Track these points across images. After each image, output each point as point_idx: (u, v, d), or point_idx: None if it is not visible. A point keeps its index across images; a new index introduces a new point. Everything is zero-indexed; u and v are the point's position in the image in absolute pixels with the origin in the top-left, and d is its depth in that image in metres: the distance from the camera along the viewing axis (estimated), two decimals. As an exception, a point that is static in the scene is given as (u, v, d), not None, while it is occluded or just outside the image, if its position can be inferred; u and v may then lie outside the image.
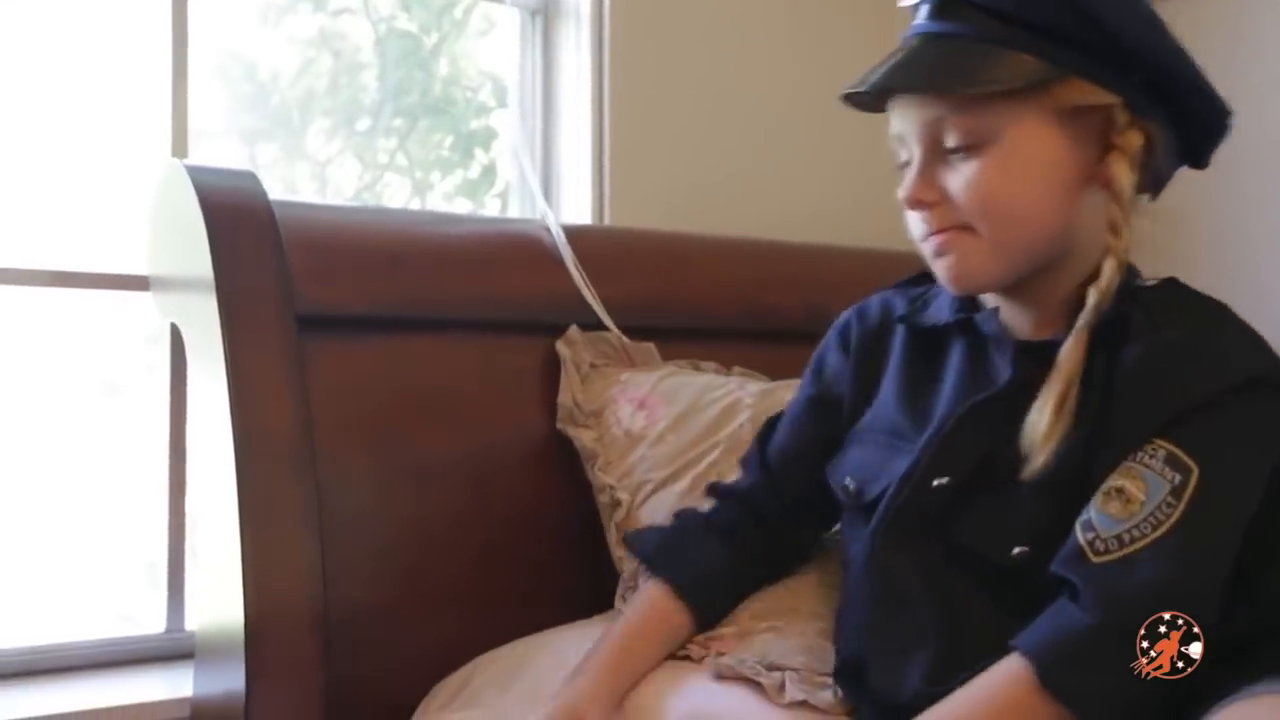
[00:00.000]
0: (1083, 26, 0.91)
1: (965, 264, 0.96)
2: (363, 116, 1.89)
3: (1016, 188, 0.94)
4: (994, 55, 0.92)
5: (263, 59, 1.82)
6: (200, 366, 1.29)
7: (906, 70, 0.95)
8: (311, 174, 1.89)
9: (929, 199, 0.95)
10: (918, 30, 0.96)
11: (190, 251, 1.25)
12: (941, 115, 0.93)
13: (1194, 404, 0.89)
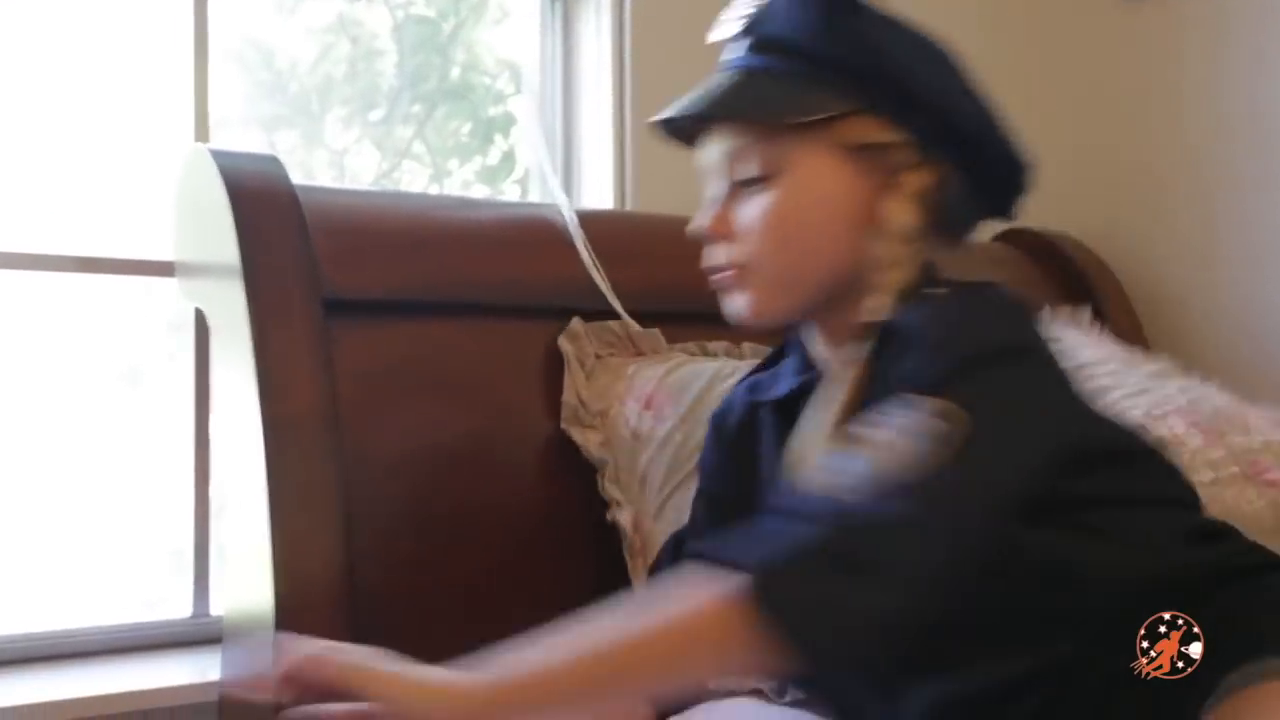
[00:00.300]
0: (872, 66, 0.93)
1: (741, 300, 0.97)
2: (380, 103, 1.89)
3: (801, 219, 0.95)
4: (789, 89, 0.94)
5: (281, 46, 1.82)
6: (226, 352, 1.30)
7: (706, 99, 0.97)
8: (330, 161, 1.90)
9: (723, 231, 0.97)
10: (723, 64, 0.99)
11: (216, 236, 1.26)
12: (741, 145, 0.95)
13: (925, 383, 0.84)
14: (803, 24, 0.96)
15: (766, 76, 0.96)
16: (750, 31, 0.98)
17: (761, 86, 0.96)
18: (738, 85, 0.96)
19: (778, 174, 0.95)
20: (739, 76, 0.97)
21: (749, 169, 0.95)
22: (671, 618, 0.79)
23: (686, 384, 1.38)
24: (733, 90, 0.96)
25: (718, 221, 0.97)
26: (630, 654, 0.79)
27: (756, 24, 0.98)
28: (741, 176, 0.96)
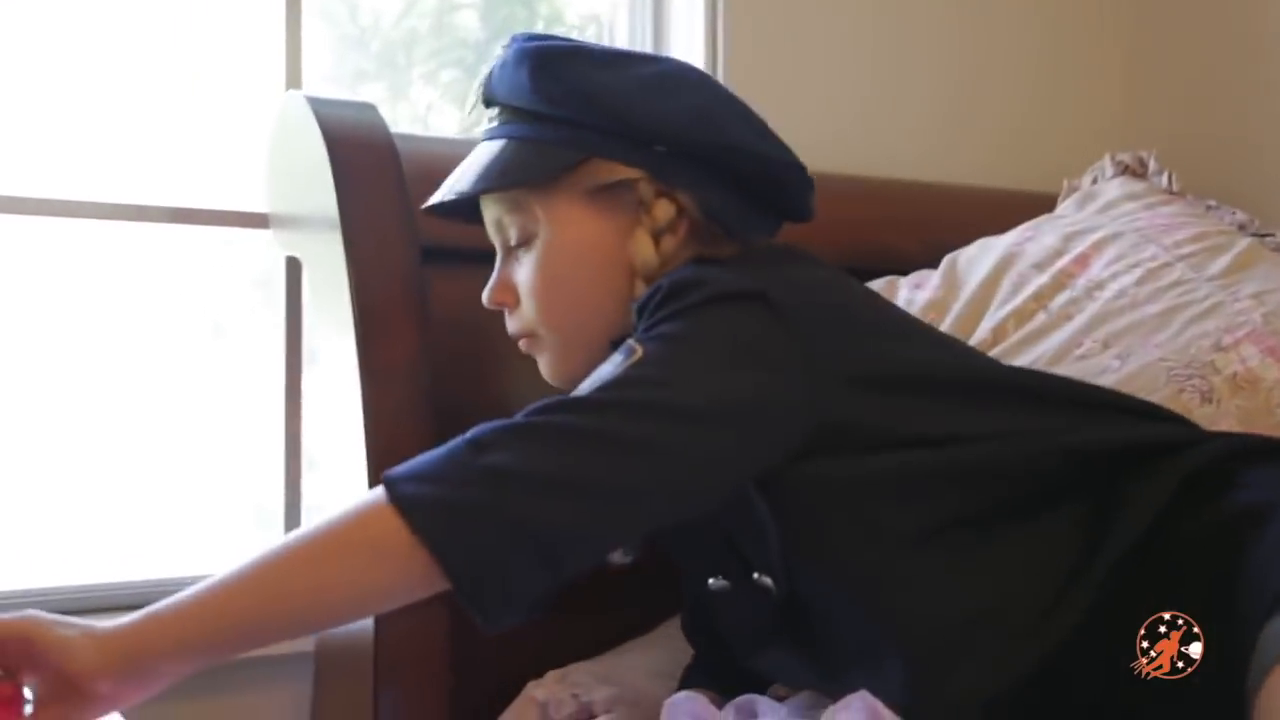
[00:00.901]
0: (590, 110, 0.96)
1: (550, 361, 1.02)
2: (466, 57, 1.87)
3: (565, 273, 0.99)
4: (525, 151, 0.98)
5: (365, 0, 1.81)
6: (322, 301, 1.28)
7: (455, 180, 1.03)
8: (414, 117, 1.88)
9: (503, 300, 1.03)
10: (484, 134, 1.04)
11: (312, 185, 1.24)
12: (500, 214, 1.01)
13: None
14: (516, 85, 0.99)
15: (507, 143, 1.00)
16: (487, 104, 1.03)
17: (503, 153, 0.99)
18: (483, 157, 1.01)
19: (534, 235, 0.99)
20: (485, 149, 1.02)
21: (511, 235, 1.00)
22: (323, 529, 0.79)
23: None
24: (476, 164, 1.01)
25: (496, 291, 1.03)
26: (282, 571, 0.77)
27: (487, 95, 1.02)
28: (510, 243, 1.01)
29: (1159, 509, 0.84)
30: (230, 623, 0.76)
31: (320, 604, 0.79)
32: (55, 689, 0.73)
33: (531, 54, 0.99)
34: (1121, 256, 1.41)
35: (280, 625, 0.80)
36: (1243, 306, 1.33)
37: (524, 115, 0.99)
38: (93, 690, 0.72)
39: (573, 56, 0.99)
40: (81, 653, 0.72)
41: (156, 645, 0.74)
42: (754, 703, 0.92)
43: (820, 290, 0.95)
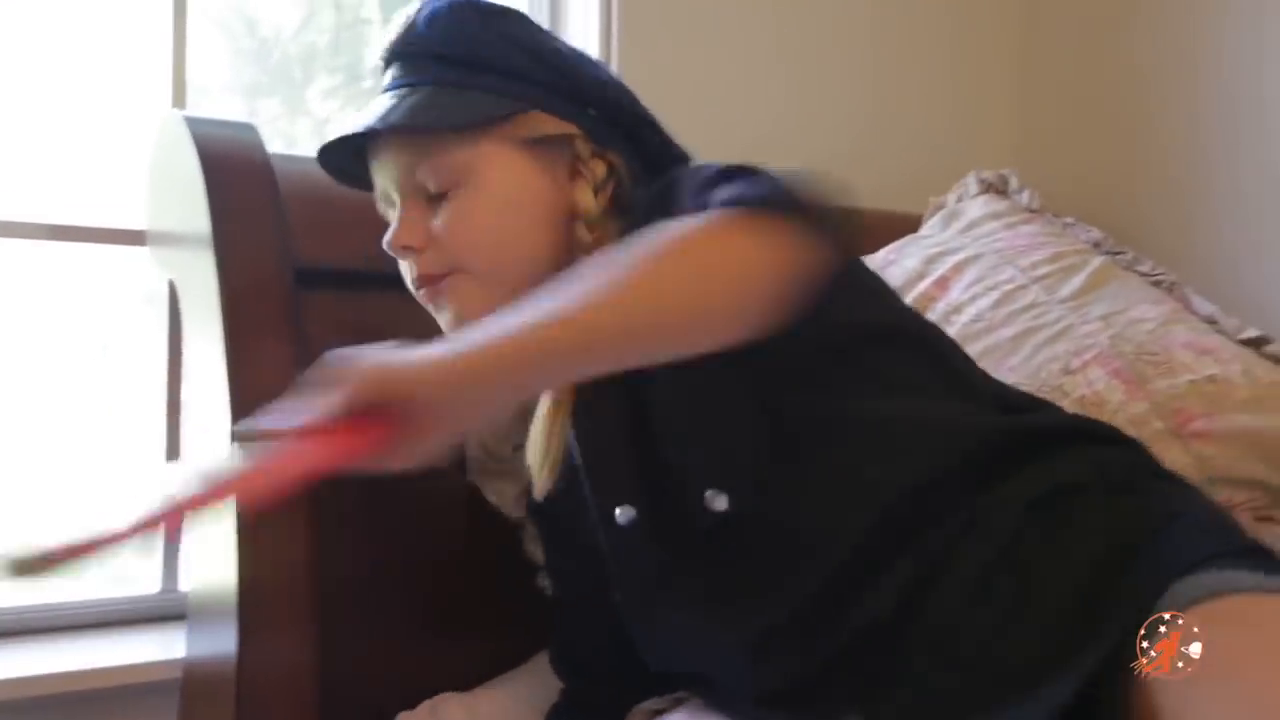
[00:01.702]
0: (537, 66, 0.98)
1: (463, 306, 0.98)
2: (365, 73, 1.86)
3: (497, 219, 0.98)
4: (455, 97, 0.97)
5: (264, 14, 1.79)
6: (196, 323, 1.27)
7: (375, 116, 0.97)
8: (313, 131, 1.86)
9: (415, 243, 0.98)
10: (386, 87, 1.00)
11: (188, 204, 1.22)
12: (415, 161, 0.97)
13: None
14: (457, 34, 0.99)
15: (432, 90, 0.97)
16: (400, 56, 1.00)
17: (428, 99, 0.97)
18: (405, 102, 0.97)
19: (464, 180, 0.97)
20: (402, 95, 0.98)
21: (436, 179, 0.97)
22: (680, 241, 0.77)
23: None
24: (402, 107, 0.96)
25: (409, 234, 0.98)
26: (643, 286, 0.75)
27: (405, 46, 1.00)
28: (431, 190, 0.97)
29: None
30: (581, 343, 0.74)
31: (685, 320, 0.78)
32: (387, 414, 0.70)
33: (473, 6, 1.00)
34: (980, 279, 1.44)
35: (632, 343, 0.77)
36: (1091, 329, 1.36)
37: (454, 64, 0.98)
38: (428, 409, 0.71)
39: (516, 16, 1.02)
40: (413, 382, 0.71)
41: (508, 364, 0.73)
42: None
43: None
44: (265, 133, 1.29)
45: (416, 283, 1.00)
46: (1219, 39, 1.95)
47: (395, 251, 1.00)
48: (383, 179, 1.01)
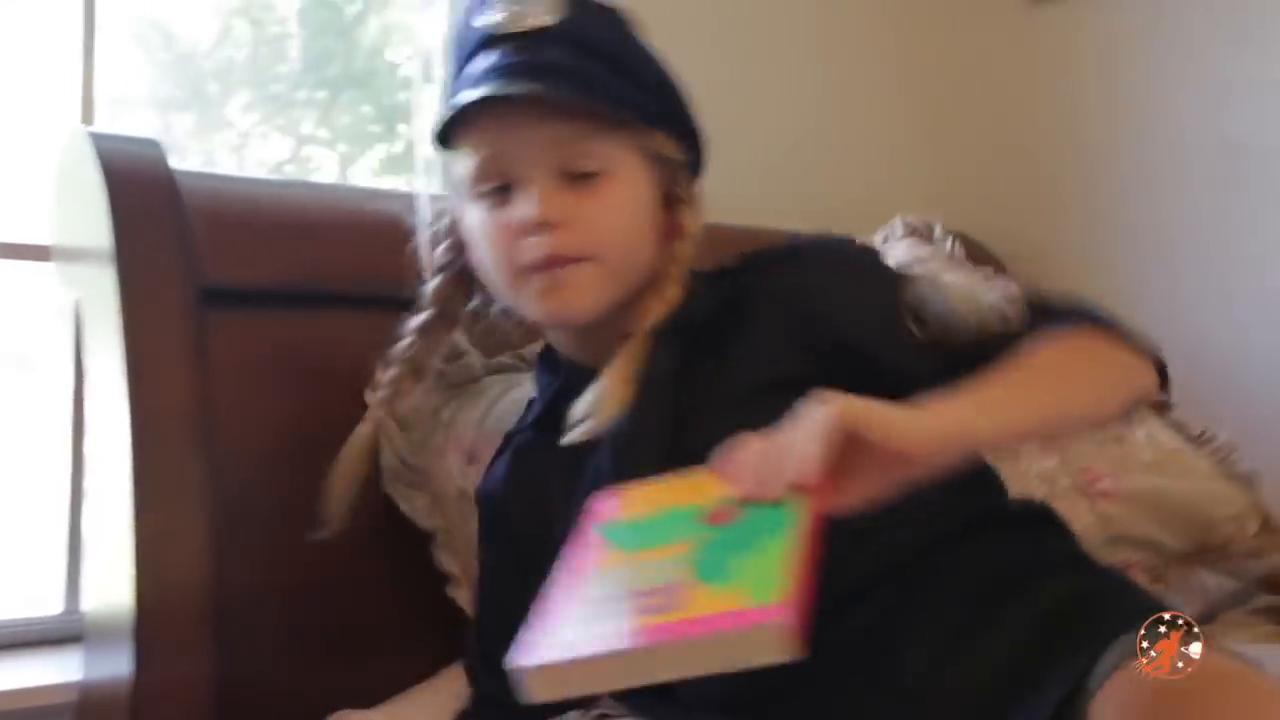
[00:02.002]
0: (669, 91, 1.03)
1: (578, 296, 0.97)
2: (283, 88, 1.85)
3: (632, 218, 0.99)
4: (620, 93, 0.98)
5: (181, 27, 1.78)
6: (98, 341, 1.25)
7: (553, 85, 0.95)
8: (232, 146, 1.85)
9: (559, 220, 0.95)
10: (543, 61, 0.96)
11: (90, 221, 1.21)
12: (571, 139, 0.95)
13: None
14: (620, 40, 1.01)
15: (599, 77, 0.97)
16: (568, 36, 0.97)
17: (599, 82, 0.97)
18: (571, 80, 0.95)
19: (611, 171, 0.97)
20: (579, 78, 0.96)
21: (587, 162, 0.96)
22: (1080, 352, 0.90)
23: (505, 420, 1.22)
24: (575, 84, 0.95)
25: (553, 208, 0.95)
26: (1067, 384, 0.88)
27: (574, 28, 0.97)
28: (578, 169, 0.96)
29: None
30: (1031, 414, 0.84)
31: (1092, 413, 0.91)
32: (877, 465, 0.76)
33: (622, 13, 1.02)
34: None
35: (1057, 427, 0.90)
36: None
37: (608, 59, 0.98)
38: (919, 461, 0.77)
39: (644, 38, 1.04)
40: (921, 432, 0.76)
41: (979, 429, 0.81)
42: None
43: None
44: (181, 148, 1.28)
45: (542, 261, 0.96)
46: (1111, 80, 2.01)
47: (531, 229, 0.95)
48: (511, 144, 0.96)
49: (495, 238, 0.98)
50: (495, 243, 0.98)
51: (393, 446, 1.28)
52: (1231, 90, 1.87)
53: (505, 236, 0.97)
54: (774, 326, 0.97)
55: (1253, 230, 1.85)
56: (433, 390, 1.28)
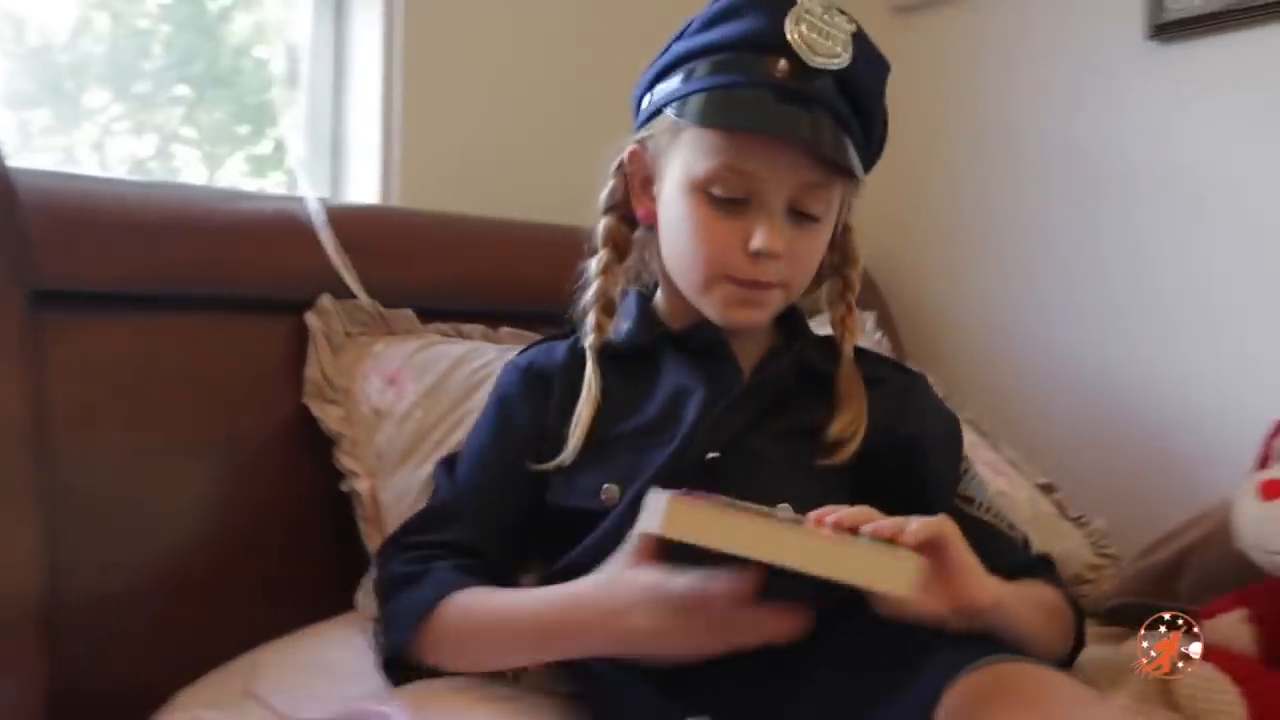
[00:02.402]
0: (882, 141, 1.12)
1: (762, 313, 1.09)
2: (145, 84, 1.81)
3: (820, 257, 1.11)
4: (861, 145, 1.07)
5: (36, 19, 1.73)
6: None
7: (819, 137, 1.02)
8: (92, 144, 1.81)
9: (781, 252, 1.04)
10: (820, 96, 1.03)
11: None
12: (817, 183, 1.04)
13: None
14: (880, 94, 1.08)
15: (853, 130, 1.06)
16: (849, 83, 1.04)
17: (850, 138, 1.05)
18: (839, 135, 1.04)
19: (827, 214, 1.07)
20: (840, 127, 1.04)
21: (817, 207, 1.05)
22: (1058, 605, 1.09)
23: (433, 362, 1.39)
24: (839, 142, 1.03)
25: (780, 243, 1.04)
26: (1047, 625, 1.04)
27: (855, 76, 1.04)
28: (806, 210, 1.05)
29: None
30: (1023, 630, 0.98)
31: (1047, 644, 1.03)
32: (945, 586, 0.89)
33: (885, 62, 1.10)
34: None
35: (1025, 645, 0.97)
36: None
37: (864, 113, 1.07)
38: (976, 611, 0.91)
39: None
40: (984, 583, 0.91)
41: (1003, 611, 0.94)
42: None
43: None
44: (36, 145, 1.25)
45: (752, 284, 1.06)
46: (971, 92, 2.07)
47: (764, 256, 1.03)
48: (768, 169, 1.03)
49: (713, 241, 1.05)
50: (710, 243, 1.05)
51: (320, 364, 1.36)
52: (1081, 104, 1.93)
53: (726, 244, 1.04)
54: (887, 439, 1.07)
55: (1096, 239, 1.92)
56: (378, 330, 1.41)
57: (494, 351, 1.43)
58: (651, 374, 1.12)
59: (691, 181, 1.05)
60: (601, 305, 1.13)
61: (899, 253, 2.13)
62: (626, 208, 1.15)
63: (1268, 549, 1.12)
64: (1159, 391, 1.84)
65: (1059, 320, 1.96)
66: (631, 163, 1.13)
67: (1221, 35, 1.77)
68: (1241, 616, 1.21)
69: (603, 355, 1.12)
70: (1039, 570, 1.12)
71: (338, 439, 1.33)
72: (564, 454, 1.09)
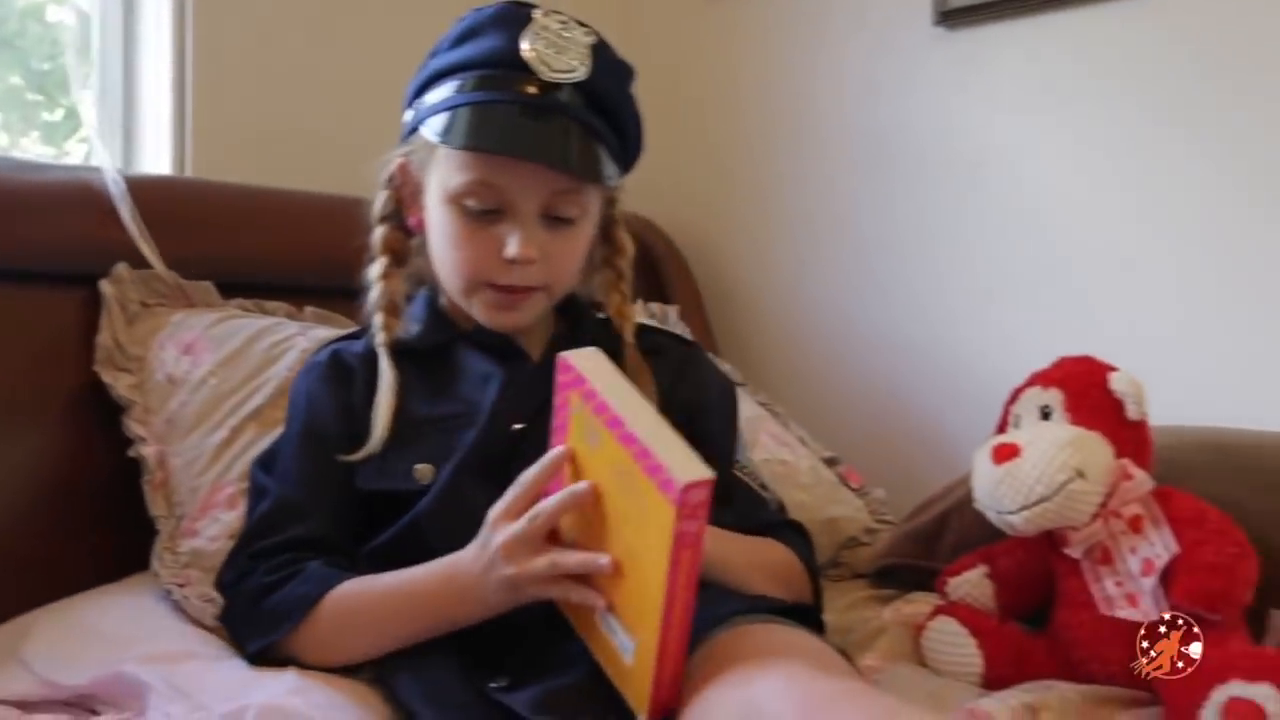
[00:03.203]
0: (637, 140, 1.16)
1: (525, 316, 1.14)
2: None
3: (582, 256, 1.16)
4: (612, 152, 1.12)
5: None
6: None
7: (566, 151, 1.07)
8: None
9: (536, 257, 1.09)
10: (564, 108, 1.08)
11: None
12: (568, 190, 1.09)
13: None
14: (625, 98, 1.13)
15: (603, 136, 1.11)
16: (590, 92, 1.09)
17: (601, 144, 1.10)
18: (588, 143, 1.09)
19: (583, 216, 1.12)
20: (588, 135, 1.09)
21: (570, 211, 1.10)
22: (794, 570, 1.17)
23: (231, 334, 1.40)
24: (587, 149, 1.09)
25: (534, 248, 1.08)
26: (776, 581, 1.12)
27: (596, 85, 1.09)
28: (560, 214, 1.10)
29: None
30: (742, 581, 1.08)
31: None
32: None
33: (628, 68, 1.15)
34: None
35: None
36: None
37: (612, 117, 1.11)
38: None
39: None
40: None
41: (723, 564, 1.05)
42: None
43: None
44: None
45: (512, 289, 1.11)
46: (775, 75, 2.13)
47: (517, 262, 1.08)
48: (511, 180, 1.07)
49: (470, 250, 1.10)
50: (467, 252, 1.10)
51: (113, 331, 1.35)
52: (876, 88, 2.01)
53: (482, 253, 1.09)
54: (666, 404, 1.09)
55: (890, 219, 2.00)
56: (178, 302, 1.42)
57: (295, 328, 1.44)
58: (449, 367, 1.17)
59: (447, 195, 1.09)
60: (385, 307, 1.17)
61: (709, 236, 2.19)
62: (400, 216, 1.19)
63: (999, 509, 1.19)
64: (943, 366, 1.93)
65: (856, 299, 2.04)
66: (400, 175, 1.17)
67: (1002, 23, 1.86)
68: (983, 573, 1.30)
69: (399, 352, 1.16)
70: (781, 531, 1.19)
71: (128, 406, 1.33)
72: (371, 442, 1.12)
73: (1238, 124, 1.66)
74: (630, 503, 0.86)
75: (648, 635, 0.85)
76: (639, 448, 0.83)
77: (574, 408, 0.92)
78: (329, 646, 1.03)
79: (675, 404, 1.12)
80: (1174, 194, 1.72)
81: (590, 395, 0.89)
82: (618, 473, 0.86)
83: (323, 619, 1.03)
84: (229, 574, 1.12)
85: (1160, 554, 1.12)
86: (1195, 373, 1.67)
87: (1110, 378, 1.22)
